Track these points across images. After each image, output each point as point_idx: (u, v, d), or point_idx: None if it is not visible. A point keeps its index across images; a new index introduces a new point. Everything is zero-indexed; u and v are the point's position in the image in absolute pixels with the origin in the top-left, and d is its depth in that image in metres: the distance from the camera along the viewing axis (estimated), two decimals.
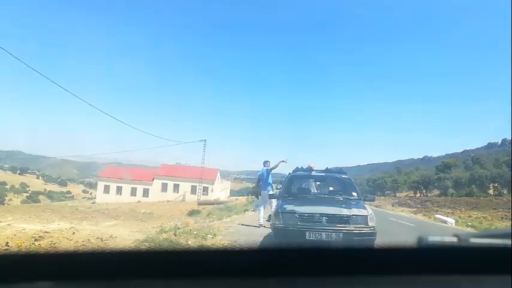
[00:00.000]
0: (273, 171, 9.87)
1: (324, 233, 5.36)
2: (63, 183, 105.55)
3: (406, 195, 63.13)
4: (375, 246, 1.09)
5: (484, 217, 26.77)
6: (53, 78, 27.90)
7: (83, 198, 74.18)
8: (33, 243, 7.62)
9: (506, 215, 27.63)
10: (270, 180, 9.77)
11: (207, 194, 49.17)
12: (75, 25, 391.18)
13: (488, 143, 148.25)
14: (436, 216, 21.88)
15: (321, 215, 5.59)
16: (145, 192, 50.81)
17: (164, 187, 51.28)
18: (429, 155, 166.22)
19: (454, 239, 1.00)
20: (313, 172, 7.94)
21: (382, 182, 77.29)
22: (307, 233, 5.35)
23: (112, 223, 15.29)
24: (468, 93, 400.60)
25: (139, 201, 45.36)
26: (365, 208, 5.85)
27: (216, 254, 1.03)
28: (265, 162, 9.91)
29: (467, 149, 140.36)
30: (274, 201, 8.92)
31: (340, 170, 8.05)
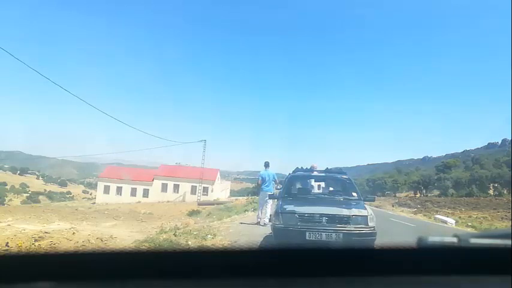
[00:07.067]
0: (274, 172, 10.12)
1: (324, 234, 5.35)
2: (63, 184, 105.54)
3: (406, 196, 63.16)
4: (375, 246, 1.09)
5: (484, 217, 26.75)
6: (53, 79, 27.94)
7: (83, 198, 74.13)
8: (33, 244, 7.61)
9: (506, 215, 27.60)
10: (272, 182, 9.92)
11: (207, 195, 49.18)
12: (75, 25, 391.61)
13: (488, 143, 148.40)
14: (436, 216, 21.83)
15: (321, 215, 5.57)
16: (145, 193, 50.87)
17: (164, 187, 51.34)
18: (429, 155, 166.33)
19: (454, 239, 1.00)
20: (313, 172, 7.93)
21: (382, 182, 77.35)
22: (307, 233, 5.33)
23: (112, 223, 15.29)
24: (468, 93, 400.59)
25: (139, 202, 45.38)
26: (365, 208, 5.84)
27: (216, 254, 1.03)
28: (267, 164, 10.02)
29: (467, 149, 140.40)
30: (271, 202, 9.03)
31: (340, 170, 8.02)
